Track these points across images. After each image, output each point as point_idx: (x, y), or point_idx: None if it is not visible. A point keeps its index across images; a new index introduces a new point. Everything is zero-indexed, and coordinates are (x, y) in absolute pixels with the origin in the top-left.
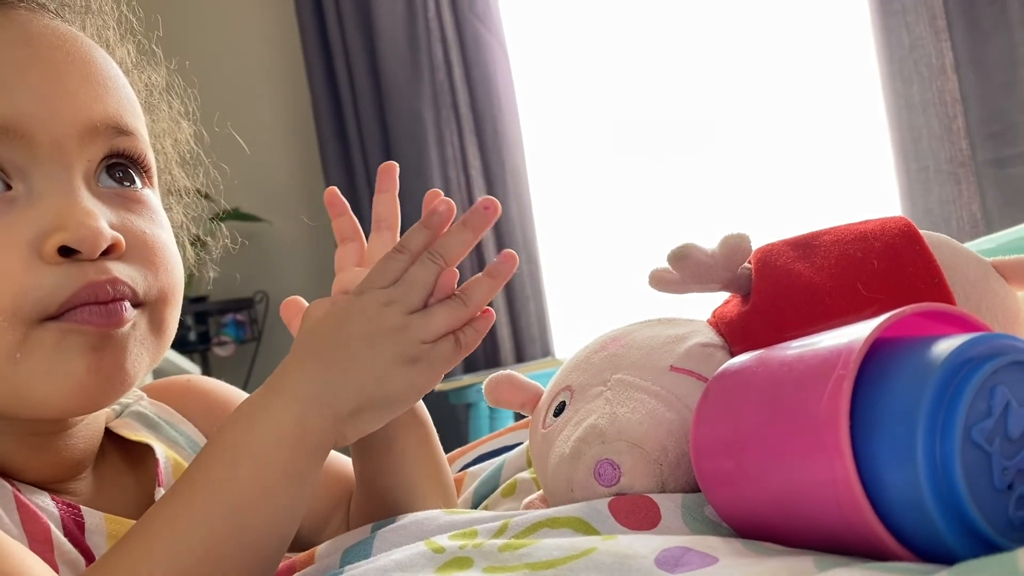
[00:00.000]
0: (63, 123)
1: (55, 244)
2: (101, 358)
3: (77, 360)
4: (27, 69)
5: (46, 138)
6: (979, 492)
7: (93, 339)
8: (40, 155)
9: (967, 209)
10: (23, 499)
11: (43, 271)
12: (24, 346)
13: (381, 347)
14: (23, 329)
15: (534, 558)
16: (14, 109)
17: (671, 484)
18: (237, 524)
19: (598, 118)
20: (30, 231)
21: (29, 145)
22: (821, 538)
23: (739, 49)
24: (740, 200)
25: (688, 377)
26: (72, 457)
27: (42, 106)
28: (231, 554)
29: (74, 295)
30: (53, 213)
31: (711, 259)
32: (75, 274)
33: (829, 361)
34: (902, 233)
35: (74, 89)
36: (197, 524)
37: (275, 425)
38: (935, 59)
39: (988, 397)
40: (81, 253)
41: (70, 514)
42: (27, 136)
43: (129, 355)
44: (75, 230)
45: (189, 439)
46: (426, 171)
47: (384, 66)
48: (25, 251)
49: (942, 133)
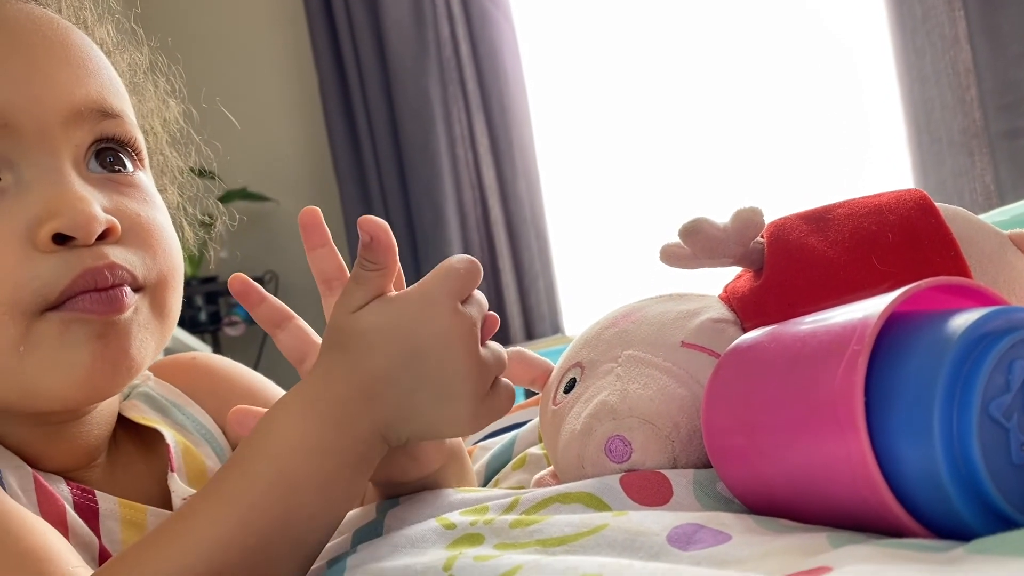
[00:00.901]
0: (45, 109)
1: (49, 232)
2: (106, 346)
3: (82, 349)
4: (4, 56)
5: (30, 126)
6: (996, 468)
7: (97, 327)
8: (26, 144)
9: (980, 181)
10: (42, 481)
11: (39, 261)
12: (28, 339)
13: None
14: (25, 322)
15: (545, 534)
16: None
17: (683, 460)
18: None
19: (606, 93)
20: (22, 221)
21: (13, 134)
22: (835, 514)
23: (751, 22)
24: (752, 174)
25: (700, 353)
26: (87, 444)
27: (22, 93)
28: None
29: (73, 282)
30: (44, 201)
31: (723, 233)
32: (72, 261)
33: (844, 336)
34: (917, 206)
35: (54, 73)
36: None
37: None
38: (948, 30)
39: (1006, 372)
40: (76, 239)
41: (84, 498)
42: (10, 125)
43: (134, 341)
44: (68, 216)
45: (196, 422)
46: (433, 149)
47: (390, 43)
48: (19, 242)
49: (955, 104)
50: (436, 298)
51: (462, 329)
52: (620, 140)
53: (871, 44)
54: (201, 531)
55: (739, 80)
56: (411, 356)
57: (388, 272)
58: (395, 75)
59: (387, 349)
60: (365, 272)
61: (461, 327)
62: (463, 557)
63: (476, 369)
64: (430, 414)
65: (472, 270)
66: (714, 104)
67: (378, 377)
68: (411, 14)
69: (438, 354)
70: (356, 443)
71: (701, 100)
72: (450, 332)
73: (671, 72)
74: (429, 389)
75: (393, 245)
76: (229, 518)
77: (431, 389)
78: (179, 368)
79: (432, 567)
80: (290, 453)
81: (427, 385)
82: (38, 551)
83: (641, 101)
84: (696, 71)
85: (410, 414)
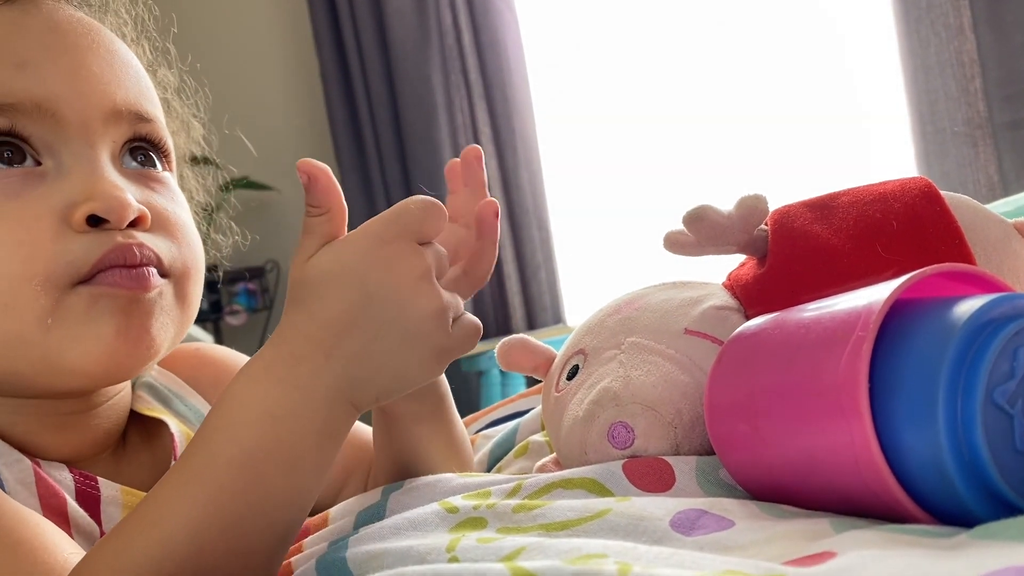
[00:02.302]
0: (89, 104)
1: (84, 213)
2: (129, 321)
3: (106, 323)
4: (56, 53)
5: (73, 118)
6: (1000, 454)
7: (122, 302)
8: (68, 133)
9: (984, 172)
10: (42, 473)
11: (72, 238)
12: (56, 312)
13: (416, 344)
14: (56, 294)
15: (548, 519)
16: (45, 89)
17: (685, 447)
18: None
19: (609, 82)
20: (59, 202)
21: (58, 123)
22: (838, 500)
23: (755, 11)
24: (756, 163)
25: (703, 340)
26: (95, 437)
27: (70, 87)
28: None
29: (103, 257)
30: (82, 186)
31: (727, 221)
32: (104, 240)
33: (848, 323)
34: (922, 194)
35: (99, 73)
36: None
37: (303, 426)
38: (952, 19)
39: (1011, 358)
40: (109, 223)
41: (86, 485)
42: (56, 115)
43: (156, 320)
44: (104, 200)
45: (197, 412)
46: (435, 137)
47: (392, 31)
48: (55, 220)
49: (959, 95)
50: (387, 237)
51: (418, 269)
52: (622, 130)
53: (875, 33)
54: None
55: (742, 69)
56: (367, 300)
57: (334, 215)
58: (397, 63)
59: (340, 294)
60: (310, 219)
61: (416, 267)
62: (466, 539)
63: (436, 308)
64: (395, 363)
65: (428, 209)
66: (718, 94)
67: (333, 328)
68: (413, 2)
69: (396, 297)
70: (318, 406)
71: (705, 89)
72: (406, 273)
73: (674, 61)
74: (391, 336)
75: (335, 186)
76: (198, 497)
77: (393, 335)
78: (182, 358)
79: (435, 548)
80: (248, 424)
81: (388, 332)
82: (32, 540)
83: (644, 90)
84: (699, 60)
85: (374, 366)
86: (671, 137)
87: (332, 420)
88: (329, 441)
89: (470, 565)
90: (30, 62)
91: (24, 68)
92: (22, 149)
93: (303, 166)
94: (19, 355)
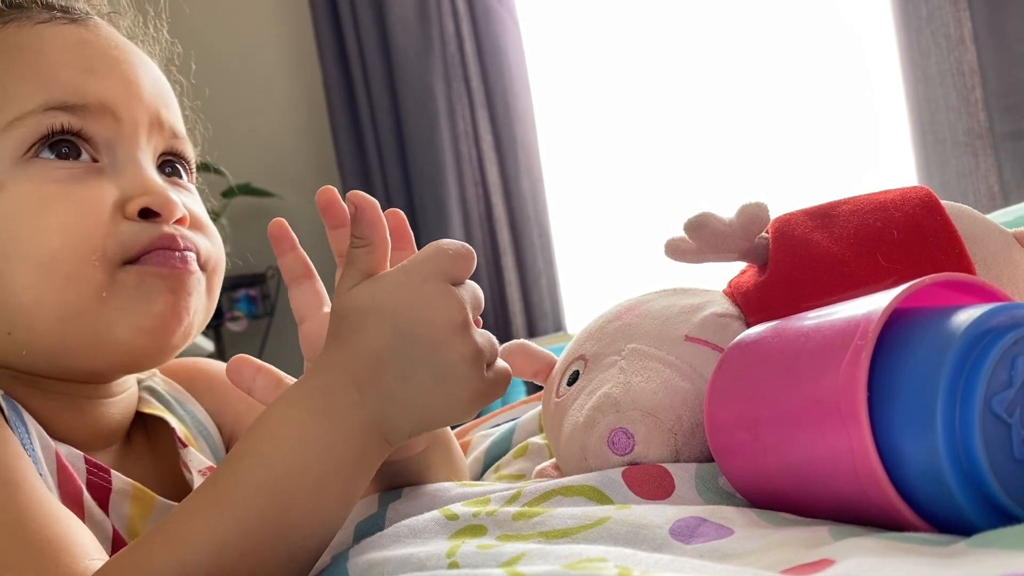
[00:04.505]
0: (140, 109)
1: (138, 205)
2: (176, 300)
3: (156, 301)
4: (115, 65)
5: (128, 120)
6: (998, 463)
7: (169, 282)
8: (123, 133)
9: (984, 182)
10: (63, 460)
11: (125, 225)
12: (110, 286)
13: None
14: (110, 270)
15: (548, 526)
16: (108, 93)
17: (685, 454)
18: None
19: (610, 90)
20: (115, 193)
21: (116, 124)
22: (837, 508)
23: (757, 19)
24: (757, 172)
25: (703, 347)
26: (108, 426)
27: (126, 93)
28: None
29: (151, 242)
30: (136, 182)
31: (728, 228)
32: (152, 229)
33: (847, 331)
34: (923, 203)
35: (147, 88)
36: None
37: (333, 457)
38: (953, 30)
39: (1009, 367)
40: (159, 216)
41: (98, 476)
42: (116, 116)
43: (193, 302)
44: (157, 196)
45: (195, 418)
46: (437, 145)
47: (395, 39)
48: (111, 209)
49: (959, 105)
50: (424, 276)
51: (453, 311)
52: (624, 137)
53: (876, 44)
54: (199, 532)
55: (744, 78)
56: (401, 339)
57: (376, 249)
58: (399, 71)
59: (374, 331)
60: (354, 250)
61: (452, 309)
62: (466, 546)
63: (471, 352)
64: (427, 402)
65: (464, 254)
66: (718, 101)
67: (367, 364)
68: (416, 10)
69: (431, 337)
70: (350, 438)
71: (705, 97)
72: (441, 314)
73: (676, 70)
74: (424, 374)
75: (380, 220)
76: (224, 517)
77: (426, 374)
78: (182, 368)
79: (435, 555)
80: (280, 450)
81: (421, 370)
82: (59, 540)
83: (645, 100)
84: (701, 66)
85: (406, 403)
86: (672, 145)
87: (362, 453)
88: (357, 474)
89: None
90: (96, 70)
91: (92, 74)
92: (78, 147)
93: (353, 197)
94: (73, 327)
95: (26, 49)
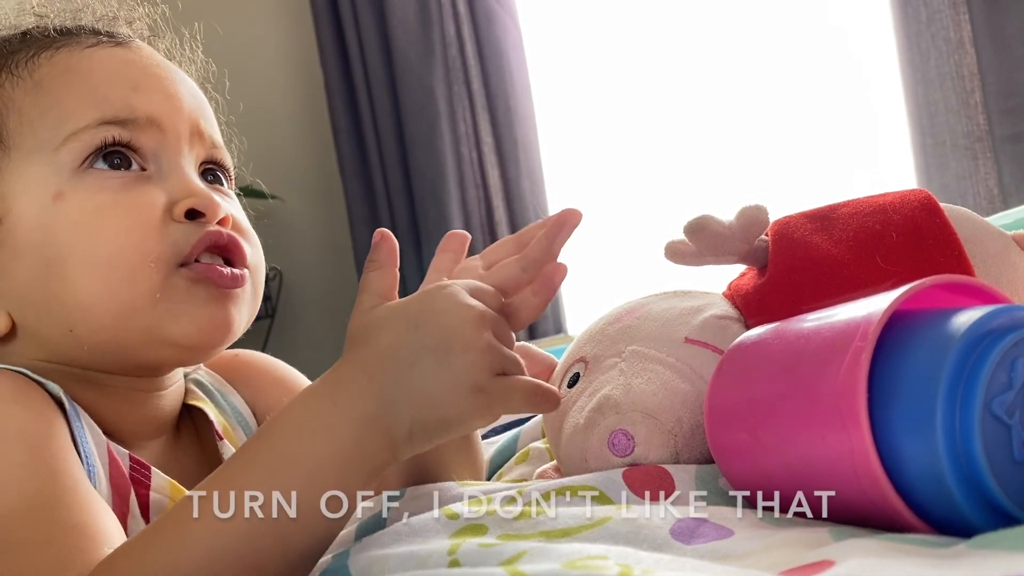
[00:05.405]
0: (180, 122)
1: (184, 207)
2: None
3: (203, 308)
4: (158, 81)
5: (171, 131)
6: (998, 464)
7: (215, 293)
8: (167, 143)
9: (984, 184)
10: (115, 455)
11: (174, 227)
12: (163, 288)
13: (452, 367)
14: (164, 272)
15: (548, 526)
16: (153, 107)
17: (685, 455)
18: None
19: (611, 92)
20: (163, 198)
21: (159, 134)
22: (837, 509)
23: (756, 24)
24: (756, 176)
25: (703, 349)
26: (159, 417)
27: (169, 106)
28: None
29: (200, 240)
30: (181, 187)
31: (728, 231)
32: (199, 230)
33: (847, 333)
34: (922, 206)
35: (187, 101)
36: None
37: (332, 441)
38: (952, 33)
39: (1009, 369)
40: (205, 217)
41: (140, 473)
42: (160, 127)
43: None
44: (201, 198)
45: (235, 409)
46: (438, 147)
47: (396, 42)
48: (160, 212)
49: (959, 108)
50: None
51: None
52: (624, 140)
53: (876, 47)
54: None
55: (744, 81)
56: (415, 329)
57: (387, 273)
58: (400, 74)
59: (393, 328)
60: (368, 275)
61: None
62: (467, 544)
63: (480, 345)
64: (430, 386)
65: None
66: (718, 104)
67: (381, 354)
68: (417, 13)
69: (442, 324)
70: (351, 425)
71: (705, 100)
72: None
73: (676, 74)
74: (430, 359)
75: (396, 252)
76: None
77: (432, 359)
78: (224, 360)
79: (436, 553)
80: (283, 431)
81: (428, 356)
82: (84, 528)
83: (646, 103)
84: (701, 70)
85: (411, 388)
86: (673, 148)
87: (363, 443)
88: (355, 465)
89: (471, 570)
90: (141, 87)
91: (138, 91)
92: (128, 158)
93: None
94: (129, 325)
95: (78, 71)
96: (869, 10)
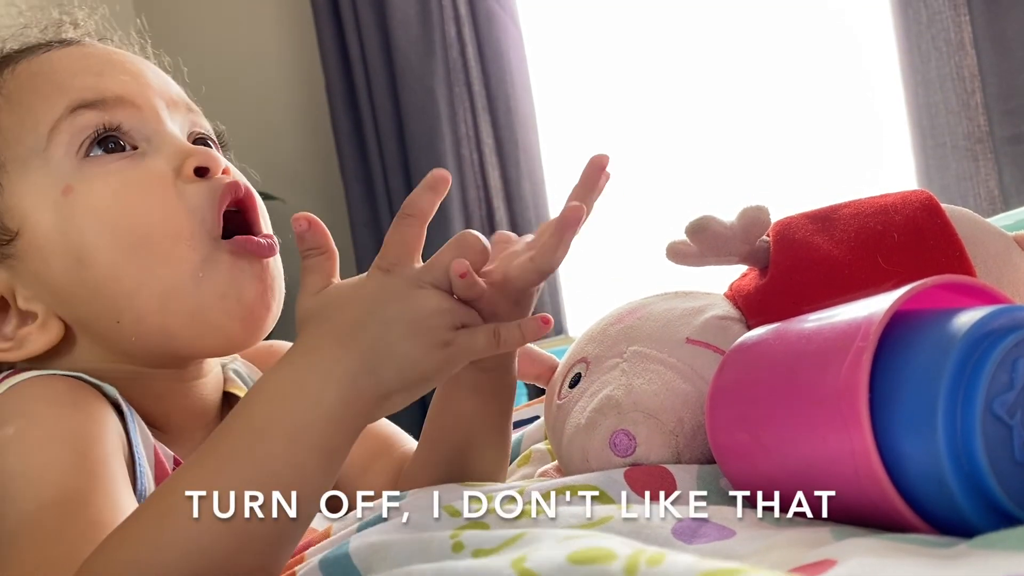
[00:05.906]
0: (152, 95)
1: (191, 165)
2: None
3: (248, 286)
4: (121, 64)
5: (146, 106)
6: (999, 465)
7: (258, 269)
8: (147, 118)
9: (984, 186)
10: (160, 457)
11: (188, 189)
12: (205, 266)
13: (419, 333)
14: (204, 250)
15: (549, 526)
16: (122, 86)
17: (687, 455)
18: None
19: (611, 94)
20: (166, 166)
21: (138, 112)
22: (839, 510)
23: (757, 24)
24: (757, 177)
25: (705, 349)
26: (204, 406)
27: (136, 84)
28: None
29: (223, 195)
30: (179, 151)
31: (729, 231)
32: (213, 186)
33: (848, 333)
34: (923, 206)
35: (154, 77)
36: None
37: (313, 405)
38: (953, 34)
39: (1010, 369)
40: (211, 170)
41: None
42: (134, 103)
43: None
44: (201, 154)
45: None
46: (439, 149)
47: (397, 44)
48: (170, 180)
49: (959, 109)
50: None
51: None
52: (625, 141)
53: (876, 48)
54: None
55: (745, 82)
56: (374, 304)
57: (331, 255)
58: (401, 76)
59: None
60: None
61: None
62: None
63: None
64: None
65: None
66: (719, 105)
67: (348, 327)
68: (418, 15)
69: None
70: (334, 387)
71: (706, 101)
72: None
73: (677, 75)
74: (397, 328)
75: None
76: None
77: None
78: (260, 352)
79: (439, 538)
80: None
81: (394, 325)
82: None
83: (647, 104)
84: (702, 71)
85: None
86: (674, 149)
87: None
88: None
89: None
90: (103, 72)
91: (101, 75)
92: (119, 141)
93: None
94: (173, 308)
95: (40, 73)
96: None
